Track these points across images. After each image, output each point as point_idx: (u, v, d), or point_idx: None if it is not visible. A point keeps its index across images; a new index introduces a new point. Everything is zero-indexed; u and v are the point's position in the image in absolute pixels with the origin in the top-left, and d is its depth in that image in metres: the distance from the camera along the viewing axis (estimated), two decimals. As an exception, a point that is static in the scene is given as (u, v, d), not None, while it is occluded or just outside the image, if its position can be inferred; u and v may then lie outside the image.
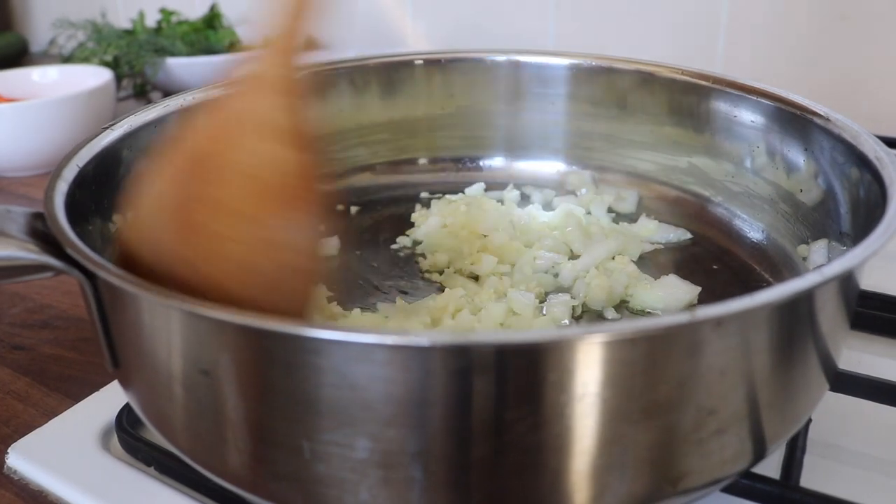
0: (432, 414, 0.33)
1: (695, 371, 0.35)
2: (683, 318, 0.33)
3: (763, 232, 0.63)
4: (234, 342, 0.36)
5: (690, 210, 0.68)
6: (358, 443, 0.35)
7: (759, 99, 0.61)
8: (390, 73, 0.75)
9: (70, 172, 0.49)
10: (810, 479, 0.44)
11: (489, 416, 0.33)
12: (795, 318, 0.38)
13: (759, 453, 0.40)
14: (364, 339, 0.32)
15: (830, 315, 0.40)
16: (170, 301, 0.36)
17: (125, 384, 0.45)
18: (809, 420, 0.47)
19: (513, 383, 0.33)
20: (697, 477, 0.38)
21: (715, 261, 0.64)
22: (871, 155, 0.49)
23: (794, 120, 0.58)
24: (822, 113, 0.56)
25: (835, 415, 0.50)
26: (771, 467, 0.45)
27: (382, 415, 0.34)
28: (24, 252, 0.41)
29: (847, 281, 0.40)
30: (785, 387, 0.39)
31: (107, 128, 0.55)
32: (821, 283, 0.35)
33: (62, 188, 0.47)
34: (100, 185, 0.53)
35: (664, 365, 0.34)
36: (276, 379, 0.35)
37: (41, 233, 0.42)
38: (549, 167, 0.76)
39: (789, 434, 0.42)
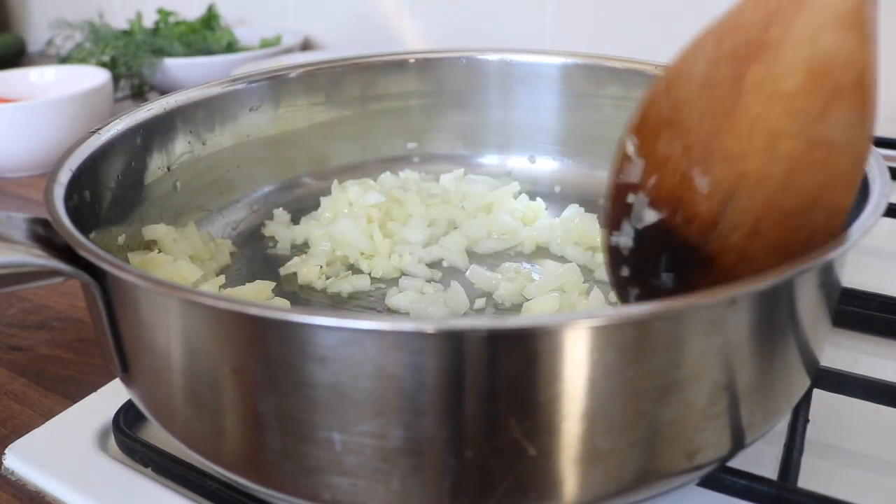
0: (467, 399, 0.34)
1: (678, 357, 0.35)
2: (668, 305, 0.34)
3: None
4: (266, 337, 0.35)
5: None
6: (392, 432, 0.35)
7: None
8: (385, 72, 0.76)
9: (64, 176, 0.49)
10: (808, 479, 0.44)
11: (520, 400, 0.34)
12: (776, 308, 0.38)
13: (738, 444, 0.40)
14: (404, 327, 0.33)
15: (810, 306, 0.40)
16: (196, 297, 0.35)
17: (136, 390, 0.45)
18: (807, 420, 0.47)
19: (540, 366, 0.34)
20: (672, 465, 0.38)
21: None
22: None
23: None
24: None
25: (833, 415, 0.50)
26: (768, 468, 0.45)
27: (418, 403, 0.34)
28: (31, 258, 0.41)
29: (827, 272, 0.41)
30: (763, 377, 0.39)
31: (94, 131, 0.55)
32: (801, 271, 0.36)
33: (60, 192, 0.47)
34: (93, 188, 0.53)
35: (647, 353, 0.35)
36: (311, 373, 0.35)
37: (44, 238, 0.42)
38: (543, 165, 0.77)
39: (768, 427, 0.42)
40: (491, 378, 0.34)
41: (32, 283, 0.43)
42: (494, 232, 0.68)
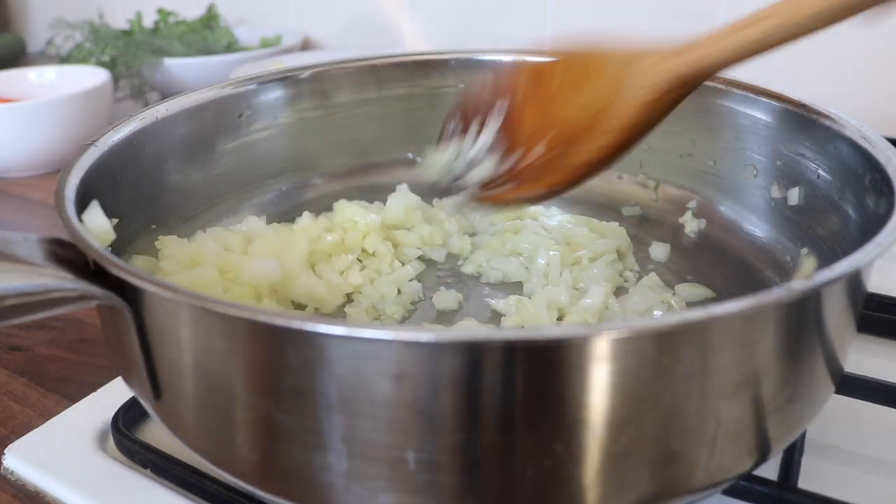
0: (483, 410, 0.34)
1: (703, 370, 0.35)
2: (693, 316, 0.33)
3: (771, 234, 0.63)
4: (334, 355, 0.34)
5: (697, 211, 0.68)
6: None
7: (764, 99, 0.61)
8: (392, 73, 0.75)
9: (71, 191, 0.46)
10: (808, 480, 0.44)
11: (542, 413, 0.34)
12: (803, 317, 0.38)
13: (763, 455, 0.40)
14: (450, 338, 0.33)
15: (838, 315, 0.40)
16: (263, 318, 0.33)
17: (171, 417, 0.42)
18: (807, 421, 0.47)
19: (560, 378, 0.33)
20: (695, 480, 0.38)
21: (723, 261, 0.64)
22: (880, 156, 0.48)
23: (799, 120, 0.58)
24: (829, 114, 0.55)
25: (833, 416, 0.50)
26: (769, 469, 0.45)
27: (436, 416, 0.34)
28: (59, 282, 0.37)
29: (855, 280, 0.40)
30: (790, 388, 0.39)
31: (90, 144, 0.53)
32: (829, 281, 0.35)
33: (72, 209, 0.44)
34: (95, 199, 0.52)
35: (670, 365, 0.34)
36: (383, 391, 0.34)
37: (65, 259, 0.39)
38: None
39: (793, 436, 0.42)
40: (508, 390, 0.33)
41: (56, 310, 0.38)
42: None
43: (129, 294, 0.38)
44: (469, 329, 0.53)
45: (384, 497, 0.36)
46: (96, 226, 0.48)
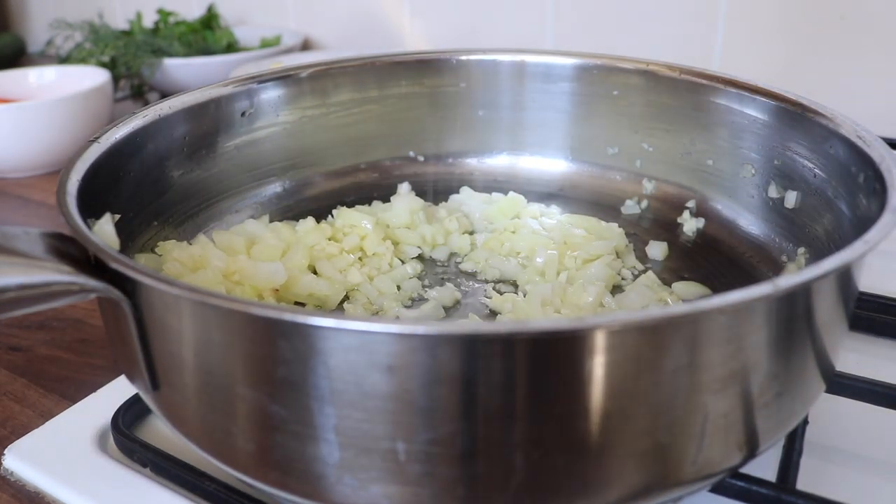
0: (480, 402, 0.34)
1: (691, 364, 0.35)
2: (680, 309, 0.33)
3: (769, 233, 0.63)
4: (323, 347, 0.34)
5: (696, 210, 0.68)
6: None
7: (761, 98, 0.61)
8: (393, 72, 0.76)
9: (73, 187, 0.47)
10: (807, 481, 0.44)
11: (534, 403, 0.34)
12: (791, 313, 0.38)
13: (752, 451, 0.40)
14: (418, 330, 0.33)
15: (828, 311, 0.40)
16: (259, 311, 0.34)
17: (168, 408, 0.43)
18: (806, 422, 0.47)
19: (545, 370, 0.34)
20: (684, 473, 0.38)
21: (721, 260, 0.64)
22: (873, 154, 0.48)
23: (796, 119, 0.58)
24: (825, 112, 0.55)
25: (832, 417, 0.50)
26: (767, 470, 0.45)
27: (433, 408, 0.34)
28: (58, 275, 0.38)
29: (845, 276, 0.40)
30: (779, 384, 0.39)
31: (93, 140, 0.53)
32: (819, 276, 0.35)
33: (74, 204, 0.44)
34: (97, 196, 0.52)
35: (662, 358, 0.34)
36: (373, 382, 0.34)
37: (65, 253, 0.40)
38: (553, 165, 0.77)
39: (783, 433, 0.42)
40: (496, 383, 0.34)
41: (56, 303, 0.39)
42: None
43: (128, 287, 0.39)
44: (458, 322, 0.54)
45: (375, 488, 0.37)
46: (105, 237, 0.49)
